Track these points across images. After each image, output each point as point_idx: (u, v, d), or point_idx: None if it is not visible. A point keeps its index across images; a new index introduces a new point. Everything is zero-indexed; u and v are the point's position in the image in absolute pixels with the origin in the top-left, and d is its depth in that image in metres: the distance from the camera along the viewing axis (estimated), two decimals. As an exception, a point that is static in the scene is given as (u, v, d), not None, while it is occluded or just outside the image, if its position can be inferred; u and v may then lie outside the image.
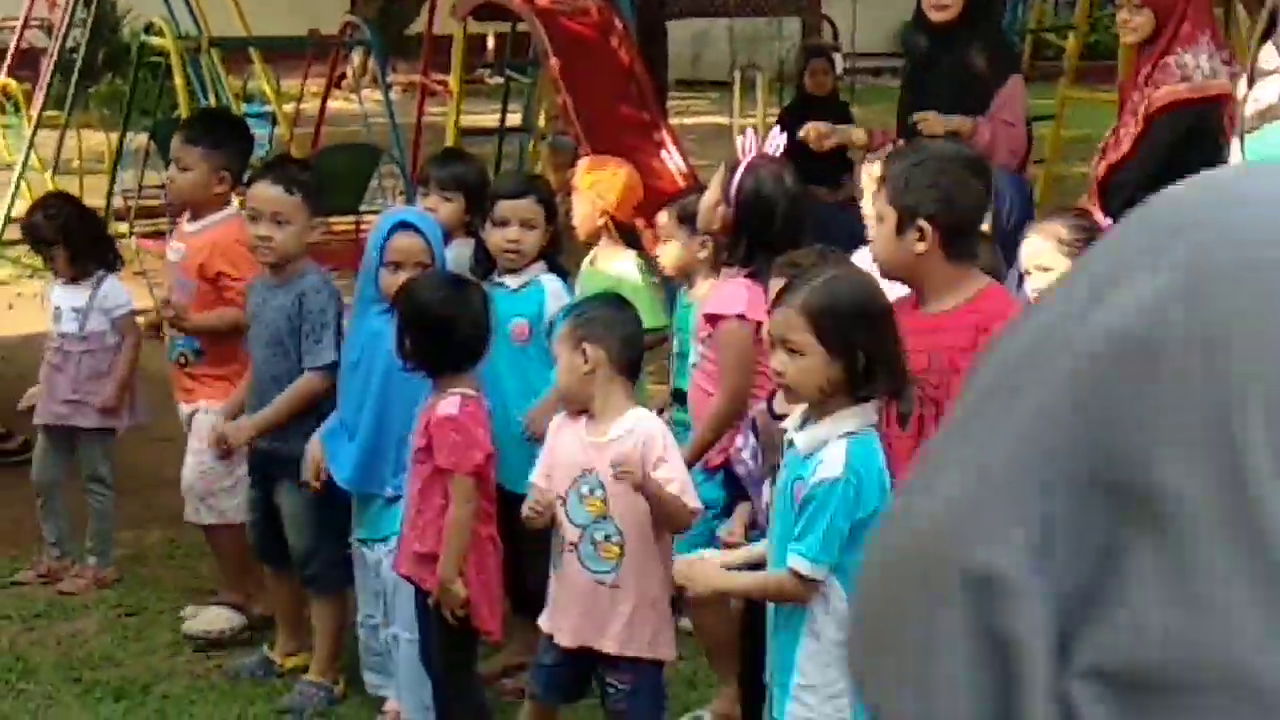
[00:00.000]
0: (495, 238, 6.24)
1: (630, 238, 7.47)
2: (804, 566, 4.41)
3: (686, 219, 6.35)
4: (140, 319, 7.43)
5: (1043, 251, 5.44)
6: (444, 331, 5.42)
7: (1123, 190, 7.10)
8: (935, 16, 7.93)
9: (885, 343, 4.49)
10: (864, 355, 4.42)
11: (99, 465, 7.28)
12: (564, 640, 5.20)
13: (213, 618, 6.75)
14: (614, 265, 6.72)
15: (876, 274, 6.09)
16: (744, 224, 5.76)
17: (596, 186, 6.84)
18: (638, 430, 5.10)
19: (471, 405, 5.46)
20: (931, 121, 7.75)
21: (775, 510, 4.60)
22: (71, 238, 7.32)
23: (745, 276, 5.68)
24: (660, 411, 5.88)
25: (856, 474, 4.39)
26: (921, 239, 4.73)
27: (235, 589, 6.80)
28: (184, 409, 6.84)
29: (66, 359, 7.26)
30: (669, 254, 6.47)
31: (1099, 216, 6.20)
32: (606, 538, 5.12)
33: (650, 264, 6.85)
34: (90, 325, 7.26)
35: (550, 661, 5.29)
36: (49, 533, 7.36)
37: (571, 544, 5.16)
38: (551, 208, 6.33)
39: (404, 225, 5.89)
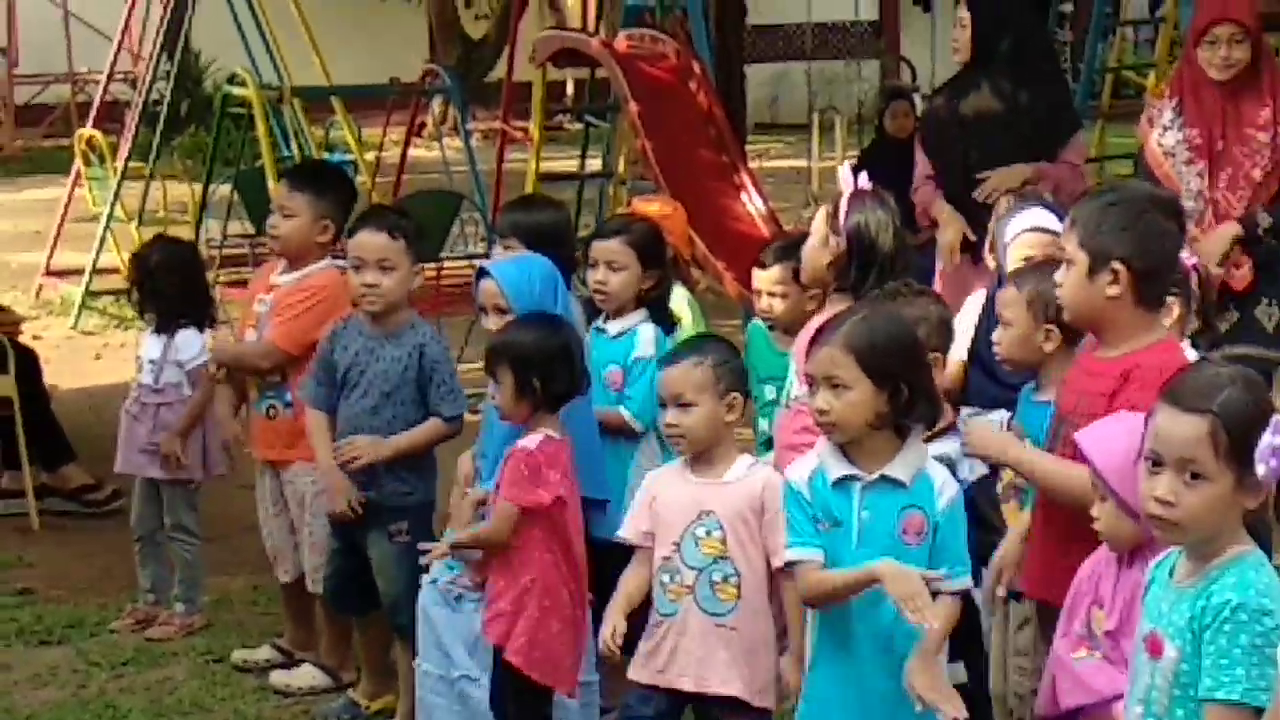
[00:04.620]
0: (591, 280, 6.29)
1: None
2: (963, 584, 4.66)
3: (799, 275, 6.39)
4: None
5: None
6: (556, 365, 5.45)
7: None
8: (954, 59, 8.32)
9: (923, 374, 4.69)
10: (906, 386, 4.58)
11: (183, 515, 7.31)
12: (686, 686, 5.14)
13: (301, 675, 6.76)
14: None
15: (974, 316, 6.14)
16: (857, 250, 5.74)
17: (664, 223, 6.86)
18: (756, 476, 5.14)
19: (552, 446, 5.47)
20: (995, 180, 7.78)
21: (863, 554, 4.58)
22: (179, 281, 7.34)
23: None
24: None
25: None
26: (1115, 282, 4.67)
27: (330, 653, 6.80)
28: (263, 467, 6.84)
29: (144, 410, 7.30)
30: (780, 308, 6.48)
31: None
32: (725, 579, 5.10)
33: (698, 298, 6.91)
34: (165, 378, 7.29)
35: (652, 712, 5.21)
36: (145, 579, 7.40)
37: (688, 587, 5.12)
38: (649, 252, 6.29)
39: (481, 273, 5.94)
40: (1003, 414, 5.58)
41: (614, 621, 5.19)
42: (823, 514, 4.64)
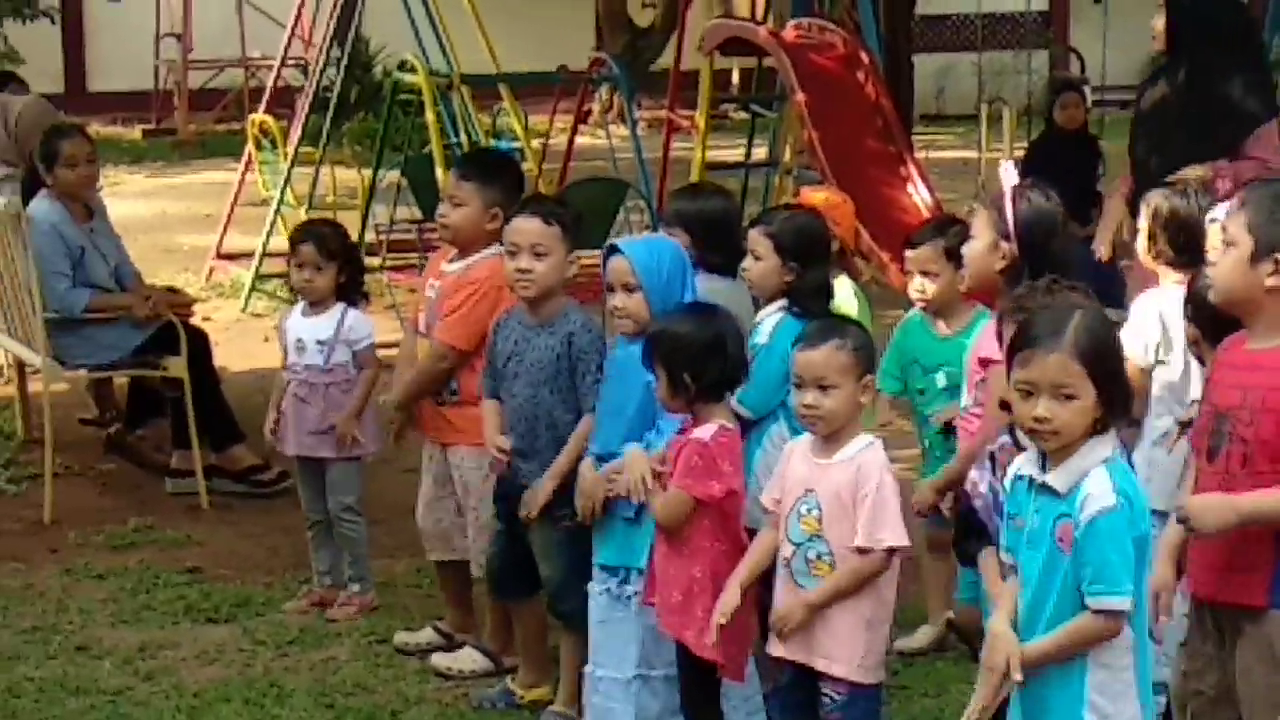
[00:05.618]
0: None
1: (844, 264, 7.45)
2: (1114, 602, 4.41)
3: (952, 254, 6.30)
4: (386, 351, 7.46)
5: None
6: (706, 359, 5.47)
7: None
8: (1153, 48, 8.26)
9: (1125, 371, 4.59)
10: (1120, 388, 4.48)
11: (348, 494, 7.37)
12: (778, 651, 5.26)
13: (463, 658, 6.80)
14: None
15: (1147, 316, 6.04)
16: (1029, 249, 5.67)
17: (830, 214, 6.84)
18: (858, 459, 5.16)
19: (726, 437, 5.50)
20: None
21: (1030, 556, 4.53)
22: (348, 260, 7.45)
23: None
24: None
25: (1127, 497, 4.42)
26: (1276, 273, 4.58)
27: (494, 637, 6.83)
28: (433, 449, 6.90)
29: (313, 391, 7.33)
30: (931, 289, 6.45)
31: None
32: (819, 556, 5.17)
33: (864, 289, 6.86)
34: (336, 358, 7.33)
35: (783, 683, 5.34)
36: (320, 561, 7.46)
37: (785, 560, 5.22)
38: (787, 243, 6.25)
39: (612, 249, 5.96)
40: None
41: (731, 591, 5.30)
42: (1014, 510, 4.60)
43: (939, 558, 6.58)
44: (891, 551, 5.14)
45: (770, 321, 6.24)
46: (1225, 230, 4.69)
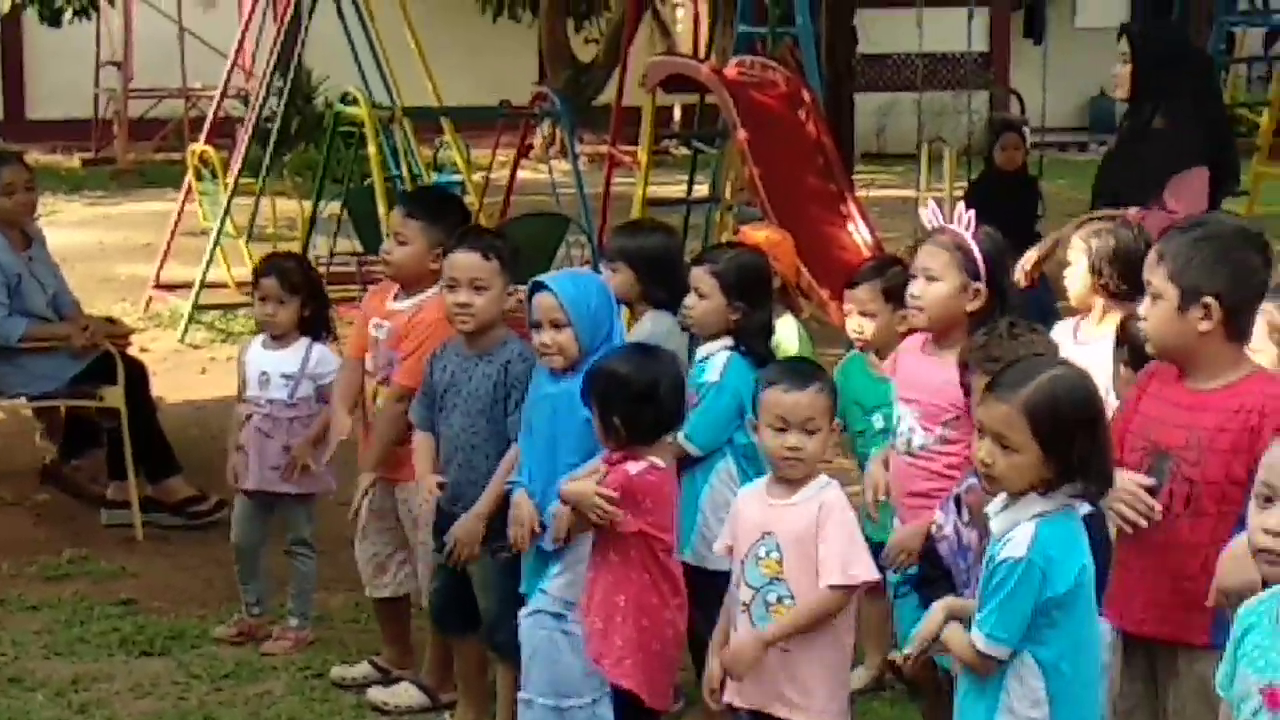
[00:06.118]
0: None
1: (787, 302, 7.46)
2: (979, 642, 4.44)
3: (891, 294, 6.31)
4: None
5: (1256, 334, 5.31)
6: (639, 404, 5.45)
7: None
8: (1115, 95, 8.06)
9: (1100, 446, 4.48)
10: (1077, 458, 4.40)
11: (303, 528, 7.34)
12: (736, 700, 5.22)
13: (400, 693, 6.77)
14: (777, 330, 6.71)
15: (1073, 345, 6.06)
16: (1000, 284, 5.62)
17: (772, 251, 6.85)
18: (819, 498, 5.15)
19: (654, 475, 5.48)
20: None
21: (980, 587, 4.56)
22: (312, 294, 7.43)
23: None
24: None
25: (1044, 555, 4.37)
26: (1206, 317, 4.62)
27: (431, 672, 6.80)
28: (380, 482, 6.84)
29: (276, 425, 7.30)
30: (869, 328, 6.45)
31: None
32: (779, 599, 5.15)
33: (805, 327, 6.87)
34: (300, 392, 7.31)
35: None
36: (248, 593, 7.43)
37: (744, 605, 5.19)
38: (733, 282, 6.27)
39: (538, 285, 5.93)
40: None
41: (716, 656, 5.25)
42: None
43: (874, 598, 6.57)
44: (851, 588, 5.13)
45: (719, 359, 6.24)
46: (1150, 284, 4.73)
